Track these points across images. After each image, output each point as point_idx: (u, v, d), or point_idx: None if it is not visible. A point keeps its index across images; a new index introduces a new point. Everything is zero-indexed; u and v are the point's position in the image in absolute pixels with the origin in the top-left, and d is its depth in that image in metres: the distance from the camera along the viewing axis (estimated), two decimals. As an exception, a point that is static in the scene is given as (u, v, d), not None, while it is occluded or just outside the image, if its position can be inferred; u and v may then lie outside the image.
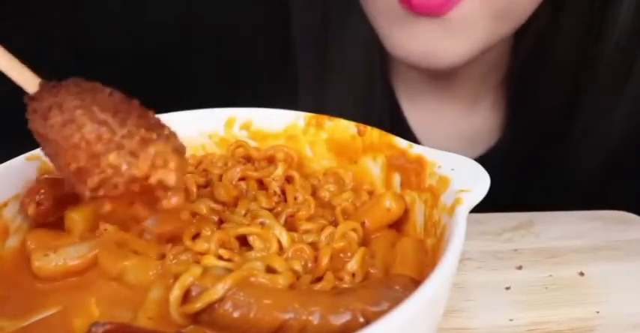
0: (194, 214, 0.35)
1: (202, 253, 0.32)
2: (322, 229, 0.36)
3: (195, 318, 0.29)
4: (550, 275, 0.46)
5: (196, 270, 0.29)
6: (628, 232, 0.52)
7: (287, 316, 0.28)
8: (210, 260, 0.31)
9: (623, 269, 0.47)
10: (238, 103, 0.45)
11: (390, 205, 0.38)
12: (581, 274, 0.46)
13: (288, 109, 0.44)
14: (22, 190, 0.37)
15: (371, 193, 0.41)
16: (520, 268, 0.47)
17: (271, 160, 0.42)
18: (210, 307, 0.28)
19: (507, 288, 0.44)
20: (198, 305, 0.28)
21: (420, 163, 0.37)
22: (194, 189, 0.38)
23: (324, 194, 0.41)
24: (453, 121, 0.70)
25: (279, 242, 0.34)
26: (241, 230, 0.34)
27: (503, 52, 0.65)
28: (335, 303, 0.28)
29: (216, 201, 0.37)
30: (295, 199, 0.39)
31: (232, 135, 0.44)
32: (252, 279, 0.29)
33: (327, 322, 0.28)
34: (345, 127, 0.42)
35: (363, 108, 0.65)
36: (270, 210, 0.38)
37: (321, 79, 0.68)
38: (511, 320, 0.41)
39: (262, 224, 0.35)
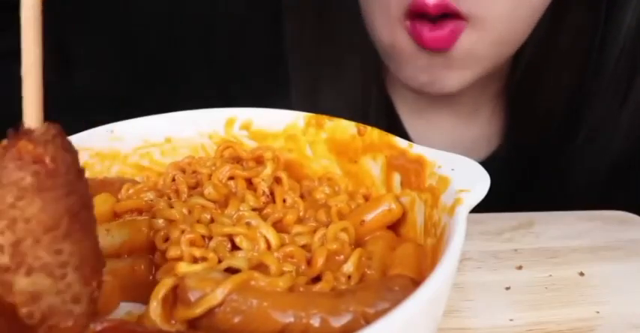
0: (171, 221, 0.35)
1: (177, 259, 0.32)
2: (314, 231, 0.36)
3: (194, 323, 0.28)
4: (550, 275, 0.46)
5: (168, 281, 0.29)
6: (628, 232, 0.52)
7: (288, 319, 0.28)
8: (183, 268, 0.30)
9: (623, 269, 0.47)
10: (234, 103, 0.45)
11: (390, 206, 0.38)
12: (581, 274, 0.46)
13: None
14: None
15: (367, 197, 0.41)
16: (520, 268, 0.47)
17: (259, 161, 0.41)
18: (209, 312, 0.28)
19: (507, 288, 0.44)
20: (198, 311, 0.27)
21: (420, 163, 0.37)
22: (184, 189, 0.38)
23: (320, 196, 0.40)
24: (451, 130, 0.70)
25: (268, 242, 0.34)
26: (227, 230, 0.34)
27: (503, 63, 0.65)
28: (335, 305, 0.28)
29: (207, 200, 0.37)
30: (284, 201, 0.39)
31: (232, 135, 0.44)
32: (253, 282, 0.29)
33: (328, 325, 0.27)
34: (345, 127, 0.42)
35: (358, 117, 0.65)
36: (260, 210, 0.37)
37: (315, 89, 0.67)
38: (511, 320, 0.41)
39: (248, 224, 0.35)
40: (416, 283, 0.30)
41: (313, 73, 0.67)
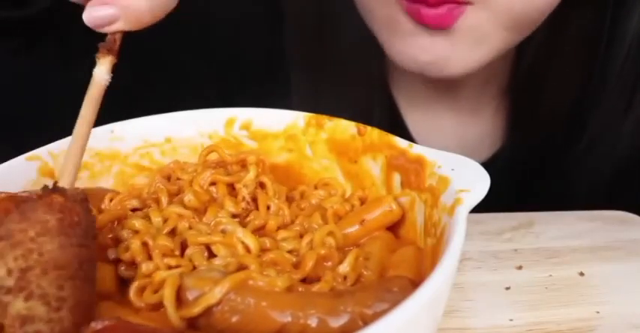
0: (136, 231, 0.34)
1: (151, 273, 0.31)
2: (300, 236, 0.35)
3: (192, 322, 0.28)
4: (550, 275, 0.46)
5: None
6: (628, 232, 0.52)
7: (285, 319, 0.28)
8: (161, 275, 0.30)
9: (623, 269, 0.47)
10: (234, 103, 0.45)
11: (391, 206, 0.38)
12: (581, 274, 0.46)
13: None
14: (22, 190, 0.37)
15: (363, 200, 0.41)
16: (520, 268, 0.47)
17: (244, 165, 0.41)
18: (207, 311, 0.28)
19: (507, 288, 0.44)
20: (196, 310, 0.27)
21: (420, 163, 0.37)
22: (164, 198, 0.37)
23: (315, 201, 0.40)
24: (454, 128, 0.69)
25: (247, 247, 0.33)
26: (202, 239, 0.33)
27: (505, 59, 0.64)
28: (333, 306, 0.28)
29: (186, 207, 0.36)
30: (268, 208, 0.38)
31: (232, 135, 0.44)
32: (251, 282, 0.29)
33: (326, 325, 0.27)
34: (345, 127, 0.42)
35: (361, 116, 0.65)
36: (241, 217, 0.37)
37: (316, 88, 0.67)
38: (511, 320, 0.41)
39: (224, 231, 0.34)
40: (415, 284, 0.30)
41: (315, 73, 0.67)
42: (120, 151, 0.43)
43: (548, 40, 0.59)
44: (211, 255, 0.33)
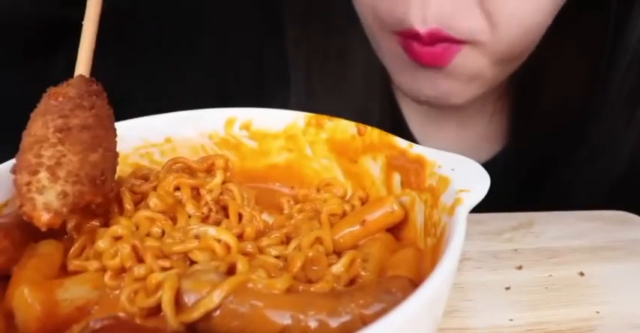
0: (118, 238, 0.33)
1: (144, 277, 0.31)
2: (281, 242, 0.35)
3: (191, 326, 0.28)
4: (550, 275, 0.46)
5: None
6: (628, 232, 0.52)
7: (286, 321, 0.27)
8: (156, 278, 0.30)
9: (623, 269, 0.47)
10: (232, 103, 0.45)
11: (393, 207, 0.38)
12: (581, 274, 0.46)
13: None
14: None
15: (363, 200, 0.41)
16: (520, 268, 0.47)
17: (210, 170, 0.40)
18: (206, 315, 0.27)
19: (507, 288, 0.44)
20: (195, 315, 0.27)
21: (420, 163, 0.37)
22: (129, 207, 0.36)
23: (318, 204, 0.40)
24: (455, 129, 0.70)
25: (226, 243, 0.33)
26: (177, 248, 0.32)
27: None
28: (333, 306, 0.28)
29: (155, 212, 0.35)
30: (240, 216, 0.37)
31: (232, 135, 0.44)
32: (250, 285, 0.29)
33: (326, 326, 0.27)
34: (345, 127, 0.42)
35: (362, 117, 0.65)
36: (208, 221, 0.37)
37: (316, 88, 0.67)
38: (511, 320, 0.41)
39: (197, 237, 0.34)
40: (414, 284, 0.30)
41: (315, 74, 0.67)
42: (120, 151, 0.42)
43: (549, 45, 0.59)
44: (192, 262, 0.33)
